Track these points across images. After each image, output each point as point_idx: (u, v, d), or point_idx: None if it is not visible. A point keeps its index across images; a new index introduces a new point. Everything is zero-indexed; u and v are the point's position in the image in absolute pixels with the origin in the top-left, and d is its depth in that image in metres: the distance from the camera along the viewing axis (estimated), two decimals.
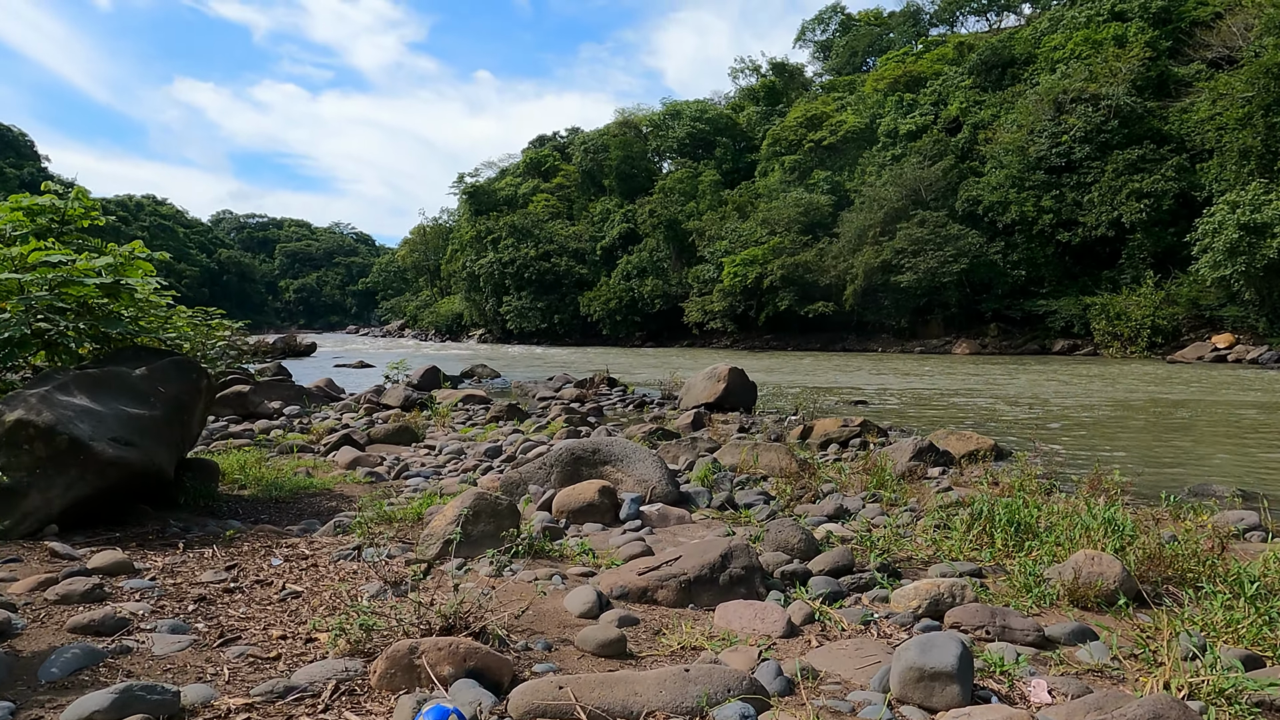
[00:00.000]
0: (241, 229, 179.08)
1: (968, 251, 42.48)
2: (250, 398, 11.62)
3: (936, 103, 53.91)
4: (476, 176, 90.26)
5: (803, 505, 7.25)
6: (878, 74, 62.54)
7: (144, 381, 5.54)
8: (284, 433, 10.53)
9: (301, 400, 13.34)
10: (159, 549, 4.65)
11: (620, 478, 6.69)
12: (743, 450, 9.24)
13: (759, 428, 14.11)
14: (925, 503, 7.63)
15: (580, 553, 5.16)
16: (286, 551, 4.77)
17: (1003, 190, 42.64)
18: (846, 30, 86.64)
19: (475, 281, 73.99)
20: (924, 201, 46.32)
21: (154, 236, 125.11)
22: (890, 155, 52.62)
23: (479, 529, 4.99)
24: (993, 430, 13.68)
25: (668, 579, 4.31)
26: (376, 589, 4.12)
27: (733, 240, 55.32)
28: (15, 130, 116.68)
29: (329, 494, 6.84)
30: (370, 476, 7.54)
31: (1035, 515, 6.09)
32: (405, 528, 5.66)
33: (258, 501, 6.45)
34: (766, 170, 63.24)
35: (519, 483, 6.63)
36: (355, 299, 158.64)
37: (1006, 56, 52.57)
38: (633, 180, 71.66)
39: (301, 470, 7.67)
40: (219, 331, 12.84)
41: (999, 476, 8.88)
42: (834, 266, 48.49)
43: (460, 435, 11.28)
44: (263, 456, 7.98)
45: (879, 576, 4.94)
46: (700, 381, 17.02)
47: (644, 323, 63.45)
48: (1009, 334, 43.48)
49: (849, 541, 6.06)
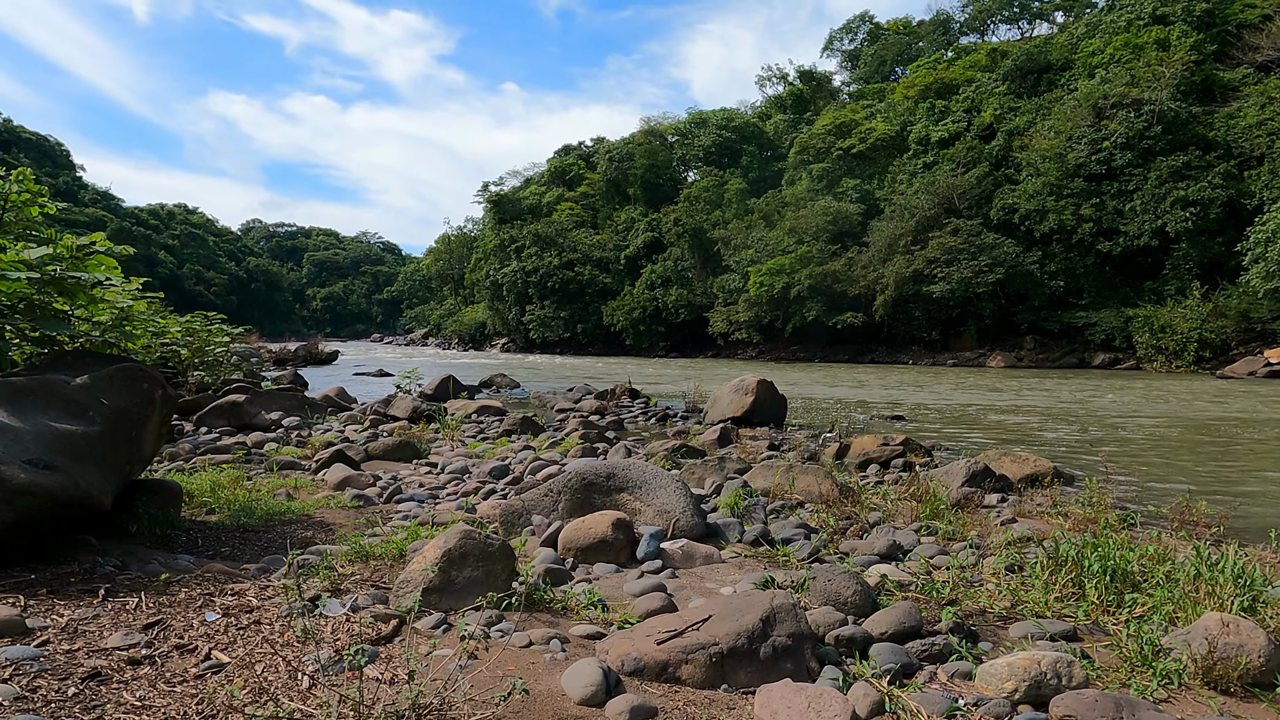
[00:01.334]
0: (270, 238, 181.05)
1: (1003, 261, 41.13)
2: (246, 408, 10.87)
3: (969, 109, 52.58)
4: (501, 185, 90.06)
5: (848, 540, 6.29)
6: (908, 81, 61.32)
7: (83, 392, 4.74)
8: (278, 446, 9.76)
9: (304, 411, 12.59)
10: (74, 597, 3.82)
11: (638, 507, 5.79)
12: (776, 473, 8.29)
13: (790, 445, 13.15)
14: (988, 537, 6.64)
15: (588, 604, 4.26)
16: (230, 601, 3.92)
17: (1040, 198, 41.27)
18: (875, 39, 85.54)
19: (498, 290, 73.61)
20: (957, 210, 45.04)
21: (184, 245, 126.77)
22: (921, 163, 51.39)
23: (465, 574, 4.11)
24: (1045, 450, 12.59)
25: (694, 650, 3.40)
26: (327, 658, 3.25)
27: (759, 249, 54.31)
28: (51, 140, 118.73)
29: (306, 521, 6.01)
30: (358, 500, 6.70)
31: (1130, 559, 5.10)
32: (384, 567, 4.80)
33: (223, 530, 5.63)
34: (794, 179, 62.20)
35: (521, 512, 5.76)
36: (381, 308, 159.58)
37: (1042, 62, 51.18)
38: (658, 189, 70.95)
39: (283, 491, 6.86)
40: (218, 337, 12.15)
41: (1066, 506, 7.87)
42: (863, 276, 47.28)
43: (468, 451, 10.45)
44: (242, 475, 7.17)
45: (955, 642, 3.99)
46: (726, 394, 16.08)
47: (668, 333, 62.54)
48: (1046, 347, 41.98)
49: (908, 589, 5.10)
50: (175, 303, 40.47)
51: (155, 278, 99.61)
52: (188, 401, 11.54)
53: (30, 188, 5.41)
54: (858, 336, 49.63)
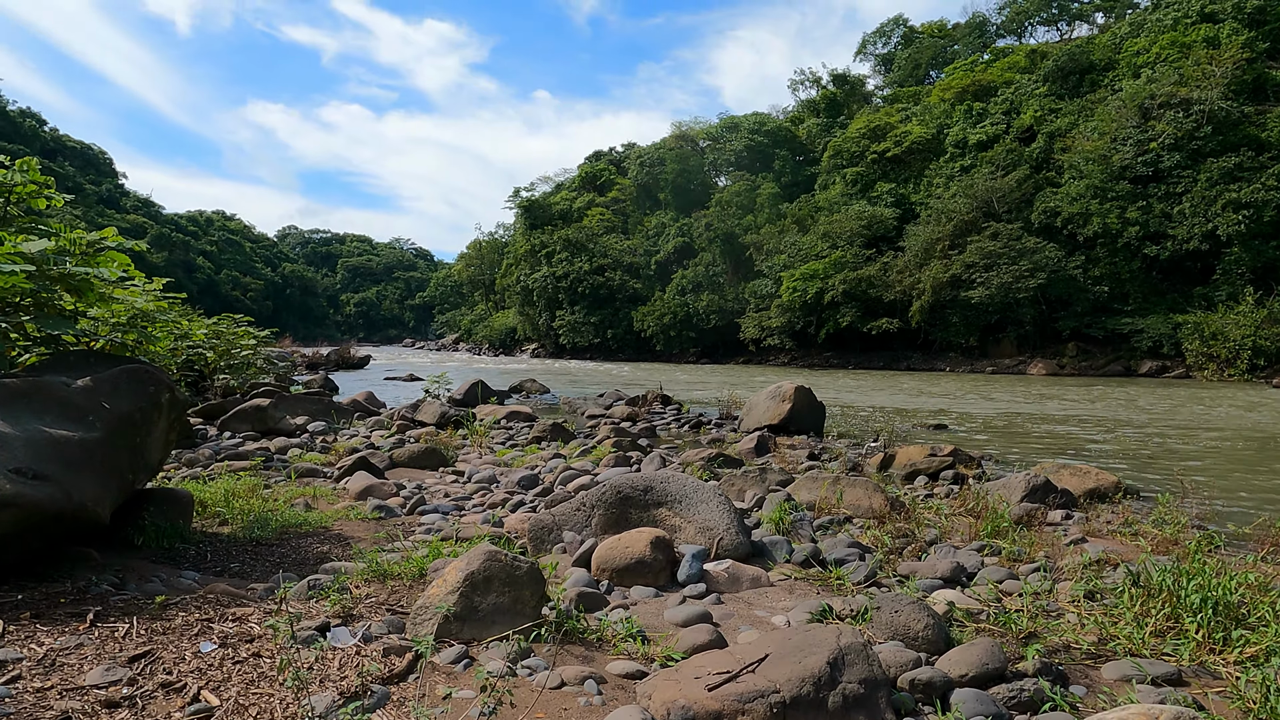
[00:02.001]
0: (306, 244, 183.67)
1: (1045, 266, 39.97)
2: (271, 412, 10.59)
3: (1008, 111, 51.42)
4: (532, 191, 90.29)
5: (906, 561, 5.77)
6: (944, 84, 60.25)
7: (83, 395, 4.41)
8: (302, 452, 9.45)
9: (330, 415, 12.31)
10: (59, 622, 3.45)
11: (678, 524, 5.33)
12: (822, 485, 7.78)
13: (831, 454, 12.61)
14: (1058, 559, 6.09)
15: (626, 636, 3.81)
16: (229, 629, 3.53)
17: (1083, 201, 40.06)
18: (909, 43, 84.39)
19: (529, 295, 73.59)
20: (996, 214, 43.95)
21: (222, 251, 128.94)
22: (959, 166, 50.33)
23: (489, 600, 3.69)
24: (1101, 463, 11.91)
25: (752, 699, 2.93)
26: (330, 702, 2.84)
27: (792, 254, 53.56)
28: (95, 149, 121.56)
29: (323, 534, 5.64)
30: (379, 511, 6.32)
31: (1231, 589, 4.53)
32: (402, 588, 4.40)
33: (234, 543, 5.27)
34: (827, 183, 61.35)
35: (551, 528, 5.33)
36: (413, 313, 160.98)
37: (1084, 62, 49.89)
38: (689, 194, 70.48)
39: (301, 501, 6.51)
40: (245, 340, 11.92)
41: (1140, 525, 7.26)
42: (899, 281, 46.32)
43: (496, 459, 10.07)
44: (260, 484, 6.84)
45: (1047, 687, 3.48)
46: (763, 401, 15.56)
47: (698, 338, 61.96)
48: (1089, 354, 40.71)
49: (978, 618, 4.60)
50: (212, 307, 40.62)
51: (193, 283, 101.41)
52: (212, 405, 11.31)
53: (36, 178, 5.12)
54: (892, 343, 48.64)
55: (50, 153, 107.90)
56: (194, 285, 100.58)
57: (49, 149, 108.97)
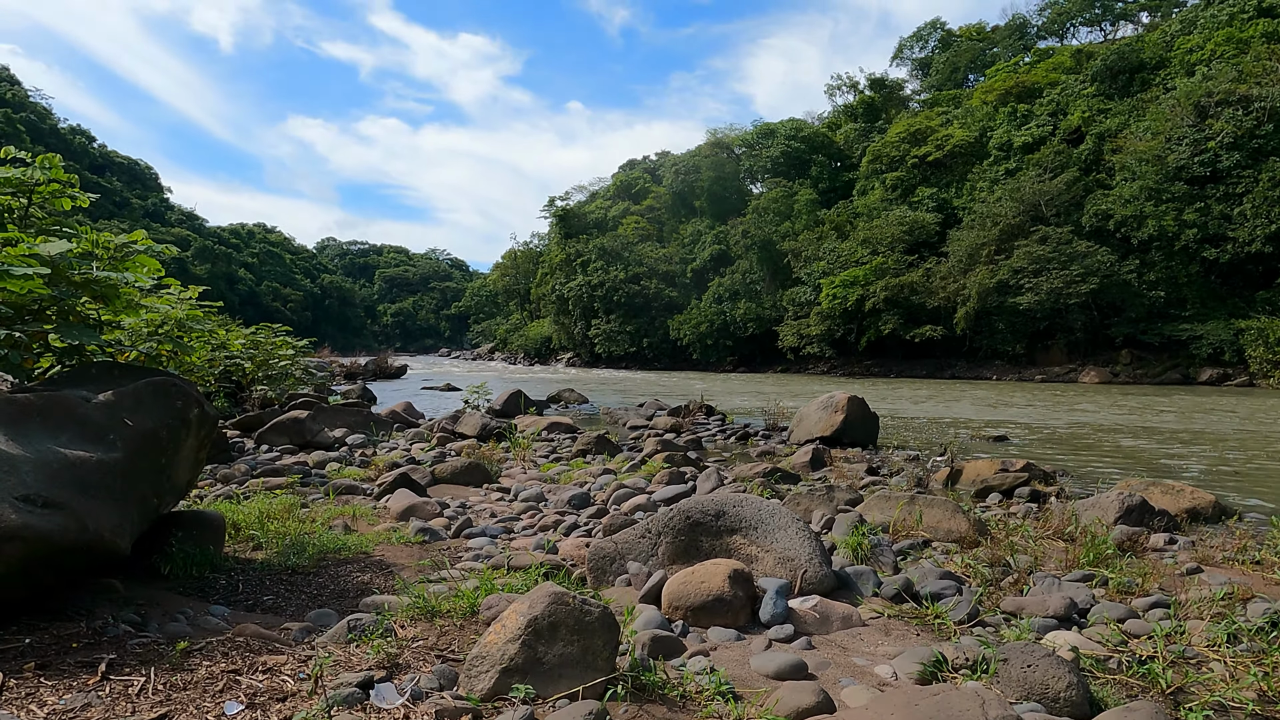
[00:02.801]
0: (344, 255, 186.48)
1: (1097, 270, 38.64)
2: (308, 424, 10.24)
3: (1054, 113, 50.08)
4: (567, 200, 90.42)
5: (1007, 596, 5.15)
6: (986, 86, 58.98)
7: (102, 411, 4.00)
8: (340, 466, 9.07)
9: (369, 427, 11.95)
10: (67, 673, 3.01)
11: (754, 553, 4.78)
12: (896, 505, 7.16)
13: (889, 467, 11.96)
14: (1177, 592, 5.40)
15: (711, 692, 3.27)
16: (259, 683, 3.06)
17: (1137, 203, 38.70)
18: (946, 46, 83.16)
19: (564, 304, 73.49)
20: (1044, 217, 42.67)
21: (263, 263, 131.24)
22: (1003, 169, 49.11)
23: (556, 651, 3.17)
24: (1188, 478, 11.09)
25: None
26: None
27: (831, 261, 52.65)
28: (142, 164, 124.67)
29: (364, 560, 5.18)
30: (423, 534, 5.86)
31: None
32: (452, 628, 3.90)
33: (269, 572, 4.83)
34: (866, 189, 60.37)
35: (614, 556, 4.81)
36: (449, 322, 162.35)
37: (1134, 61, 48.40)
38: (724, 201, 69.90)
39: (340, 522, 6.07)
40: (283, 350, 11.62)
41: (1256, 550, 6.53)
42: (943, 288, 45.21)
43: (540, 473, 9.59)
44: (296, 503, 6.42)
45: None
46: (814, 412, 14.92)
47: (735, 347, 61.23)
48: (1144, 361, 39.21)
49: (1109, 668, 3.98)
50: (254, 318, 41.13)
51: (235, 294, 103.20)
52: (249, 417, 11.01)
53: (59, 175, 4.75)
54: (935, 350, 47.48)
55: (99, 168, 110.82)
56: (236, 297, 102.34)
57: (98, 164, 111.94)
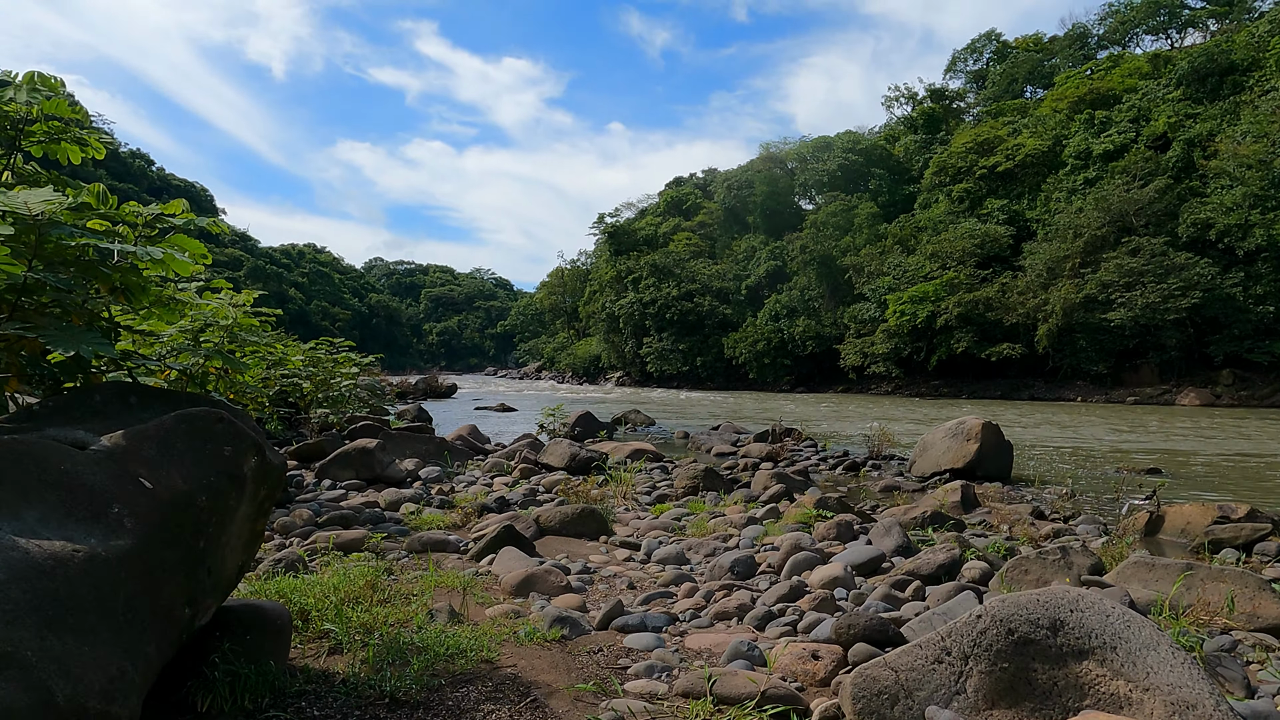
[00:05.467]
0: (391, 275, 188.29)
1: (1197, 284, 35.82)
2: (378, 456, 8.68)
3: (1136, 119, 47.29)
4: (616, 217, 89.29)
5: None
6: (1057, 94, 56.30)
7: (104, 466, 2.37)
8: (419, 508, 7.44)
9: (442, 457, 10.36)
10: None
11: (1123, 691, 2.96)
12: (1175, 579, 5.26)
13: (1053, 510, 10.00)
14: None
15: None
16: None
17: (1241, 211, 35.87)
18: (1002, 58, 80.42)
19: (615, 323, 71.99)
20: (1133, 227, 39.94)
21: (312, 282, 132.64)
22: (1082, 179, 46.43)
23: None
24: None
25: None
26: None
27: (897, 276, 50.30)
28: (198, 186, 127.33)
29: (491, 676, 3.48)
30: (559, 626, 4.15)
31: None
32: None
33: (354, 700, 3.15)
34: (929, 201, 57.96)
35: (894, 694, 3.04)
36: (494, 341, 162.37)
37: (1224, 64, 45.47)
38: (778, 216, 67.97)
39: (443, 604, 4.38)
40: (345, 368, 10.08)
41: None
42: (1020, 304, 42.59)
43: (653, 516, 7.87)
44: (379, 572, 4.76)
45: None
46: (940, 440, 12.98)
47: (793, 366, 58.97)
48: (1248, 382, 36.16)
49: None
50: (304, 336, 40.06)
51: (285, 313, 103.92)
52: (308, 445, 9.48)
53: (62, 110, 3.18)
54: (1010, 370, 44.76)
55: (157, 190, 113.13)
56: (286, 315, 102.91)
57: (156, 187, 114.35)
